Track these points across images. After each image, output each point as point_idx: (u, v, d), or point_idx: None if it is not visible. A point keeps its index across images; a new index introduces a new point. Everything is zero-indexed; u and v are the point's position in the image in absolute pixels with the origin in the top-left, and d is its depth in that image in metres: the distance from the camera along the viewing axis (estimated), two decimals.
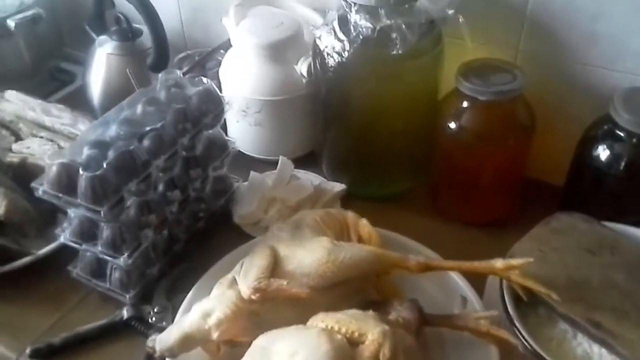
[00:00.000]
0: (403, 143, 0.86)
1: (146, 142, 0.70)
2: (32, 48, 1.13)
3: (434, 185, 0.89)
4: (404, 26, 0.73)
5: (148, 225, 0.72)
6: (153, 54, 1.04)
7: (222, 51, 1.02)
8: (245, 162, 0.96)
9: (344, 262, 0.63)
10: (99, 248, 0.69)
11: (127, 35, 1.07)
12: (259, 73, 0.91)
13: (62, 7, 1.19)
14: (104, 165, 0.64)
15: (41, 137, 0.94)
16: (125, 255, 0.68)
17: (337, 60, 0.78)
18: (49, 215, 0.87)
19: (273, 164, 0.95)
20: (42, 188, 0.66)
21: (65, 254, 0.80)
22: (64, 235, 0.71)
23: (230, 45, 0.99)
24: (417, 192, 0.92)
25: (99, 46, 1.08)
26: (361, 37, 0.75)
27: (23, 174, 0.89)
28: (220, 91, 1.01)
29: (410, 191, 0.92)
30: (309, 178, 0.91)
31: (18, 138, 0.96)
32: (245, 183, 0.90)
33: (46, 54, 1.18)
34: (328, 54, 0.79)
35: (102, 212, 0.64)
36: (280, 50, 0.90)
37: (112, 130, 0.71)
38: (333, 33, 0.78)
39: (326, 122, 0.89)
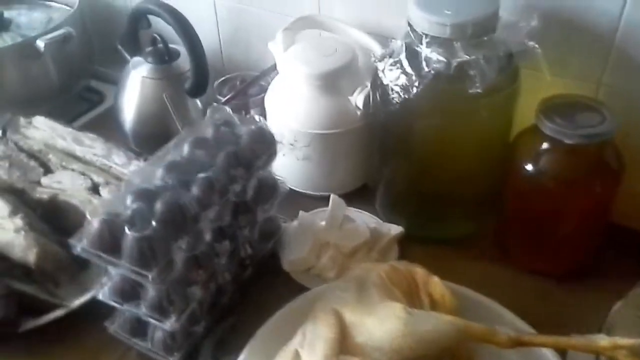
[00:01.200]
0: (468, 183, 0.78)
1: (196, 191, 0.62)
2: (60, 68, 1.06)
3: (500, 229, 0.81)
4: (482, 61, 0.65)
5: (196, 282, 0.65)
6: (192, 78, 0.96)
7: (266, 77, 0.94)
8: (290, 198, 0.88)
9: (423, 337, 0.56)
10: (143, 310, 0.62)
11: (163, 57, 1.00)
12: (309, 104, 0.83)
13: (93, 24, 1.12)
14: (153, 223, 0.56)
15: (72, 170, 0.88)
16: (173, 319, 0.61)
17: (402, 95, 0.70)
18: (82, 260, 0.80)
19: (320, 200, 0.87)
20: (81, 245, 0.59)
21: (101, 305, 0.73)
22: (103, 293, 0.64)
23: (276, 71, 0.92)
24: (478, 236, 0.84)
25: (132, 68, 1.01)
26: (433, 72, 0.67)
27: (53, 212, 0.83)
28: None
29: (472, 235, 0.84)
30: (363, 219, 0.83)
31: (47, 170, 0.89)
32: (294, 223, 0.83)
33: (75, 74, 1.12)
34: (391, 88, 0.72)
35: (150, 277, 0.57)
36: (333, 80, 0.82)
37: (158, 177, 0.64)
38: (399, 65, 0.70)
39: (383, 157, 0.82)
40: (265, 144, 0.70)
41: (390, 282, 0.64)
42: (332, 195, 0.83)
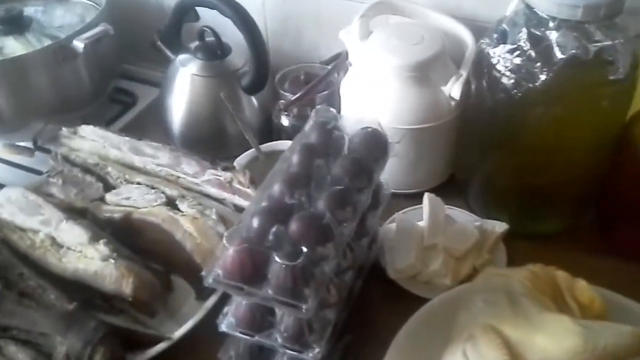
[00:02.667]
0: (577, 174, 0.74)
1: (330, 206, 0.56)
2: (92, 70, 0.96)
3: (608, 218, 0.78)
4: (620, 44, 0.61)
5: (328, 305, 0.59)
6: (251, 73, 0.89)
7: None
8: None
9: (606, 350, 0.51)
10: (279, 341, 0.56)
11: (215, 52, 0.92)
12: (398, 98, 0.77)
13: (125, 19, 1.02)
14: (303, 249, 0.50)
15: (138, 184, 0.79)
16: (316, 350, 0.55)
17: (525, 84, 0.65)
18: (166, 282, 0.73)
19: (404, 197, 0.82)
20: (216, 278, 0.52)
21: (201, 334, 0.67)
22: (228, 325, 0.57)
23: (346, 63, 0.85)
24: (576, 228, 0.80)
25: (181, 65, 0.93)
26: (563, 57, 0.62)
27: (125, 232, 0.75)
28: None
29: (571, 227, 0.80)
30: (462, 217, 0.78)
31: (106, 185, 0.81)
32: (390, 226, 0.77)
33: (107, 74, 1.02)
34: (506, 75, 0.66)
35: (304, 308, 0.50)
36: (424, 71, 0.76)
37: (280, 192, 0.57)
38: (520, 52, 0.65)
39: (483, 150, 0.77)
40: (380, 148, 0.64)
41: (536, 289, 0.60)
42: (427, 194, 0.78)
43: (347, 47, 0.84)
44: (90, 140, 0.86)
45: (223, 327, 0.58)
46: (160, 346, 0.65)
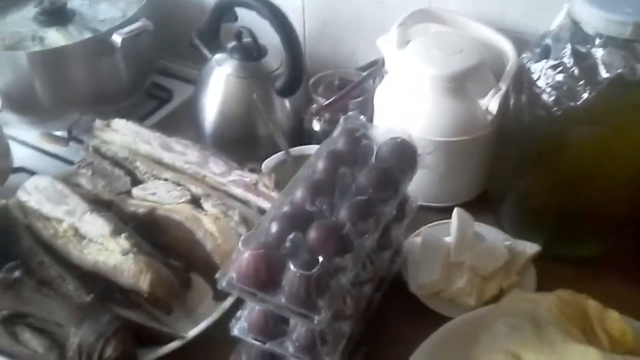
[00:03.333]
0: (619, 195, 0.70)
1: (351, 216, 0.54)
2: (130, 64, 0.97)
3: None
4: None
5: (343, 316, 0.57)
6: (285, 76, 0.88)
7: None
8: None
9: None
10: (291, 350, 0.54)
11: (251, 53, 0.91)
12: (433, 108, 0.75)
13: (165, 16, 1.03)
14: (319, 258, 0.48)
15: (165, 180, 0.79)
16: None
17: (566, 102, 0.62)
18: (185, 280, 0.72)
19: (434, 211, 0.80)
20: (230, 281, 0.51)
21: (215, 335, 0.66)
22: (240, 329, 0.56)
23: (382, 71, 0.84)
24: (615, 253, 0.76)
25: (217, 65, 0.92)
26: (609, 77, 0.59)
27: (149, 228, 0.75)
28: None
29: (609, 252, 0.76)
30: (492, 235, 0.75)
31: (134, 179, 0.81)
32: (416, 240, 0.75)
33: (144, 70, 1.03)
34: (546, 92, 0.64)
35: (316, 320, 0.49)
36: (462, 82, 0.74)
37: (300, 199, 0.56)
38: (562, 68, 0.62)
39: (519, 168, 0.74)
40: (408, 159, 0.62)
41: (564, 317, 0.57)
42: (456, 209, 0.75)
43: (384, 55, 0.82)
44: (122, 134, 0.86)
45: (235, 332, 0.57)
46: (173, 344, 0.64)
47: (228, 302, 0.68)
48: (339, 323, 0.57)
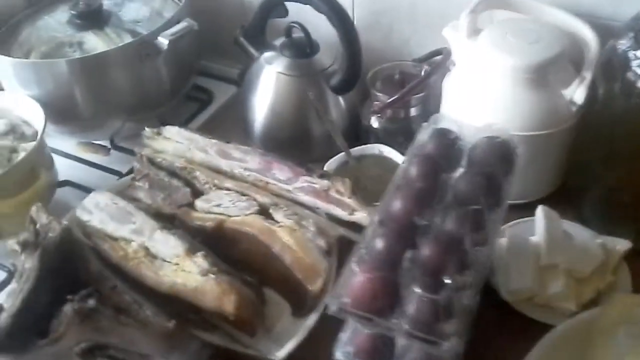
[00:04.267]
0: None
1: (462, 227, 0.50)
2: (172, 67, 0.92)
3: None
4: None
5: (451, 335, 0.53)
6: (343, 72, 0.84)
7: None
8: None
9: None
10: None
11: (304, 50, 0.87)
12: (513, 102, 0.71)
13: (203, 14, 0.98)
14: (446, 280, 0.44)
15: (228, 190, 0.75)
16: None
17: None
18: (259, 295, 0.68)
19: (513, 209, 0.74)
20: (342, 306, 0.47)
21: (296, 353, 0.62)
22: (345, 354, 0.52)
23: (448, 62, 0.79)
24: None
25: (266, 63, 0.88)
26: None
27: (217, 242, 0.70)
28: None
29: None
30: (581, 233, 0.71)
31: (194, 190, 0.76)
32: (501, 240, 0.71)
33: (185, 72, 0.98)
34: None
35: (445, 346, 0.45)
36: (543, 73, 0.70)
37: (403, 209, 0.52)
38: None
39: (609, 160, 0.69)
40: (508, 160, 0.58)
41: None
42: (541, 207, 0.71)
43: (450, 45, 0.77)
44: (174, 142, 0.82)
45: (339, 356, 0.53)
46: None
47: (312, 320, 0.64)
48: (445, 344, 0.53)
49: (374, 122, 0.86)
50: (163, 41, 0.84)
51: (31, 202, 0.75)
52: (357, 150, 0.84)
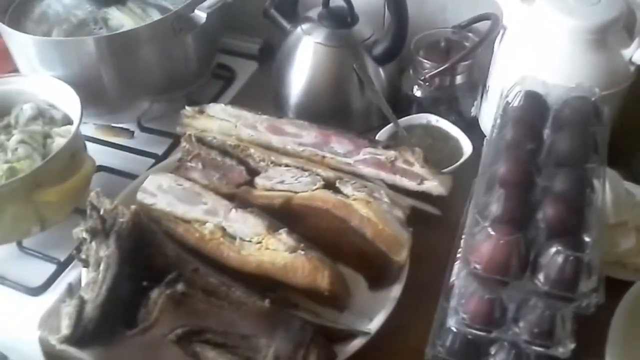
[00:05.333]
0: None
1: (574, 188, 0.50)
2: (200, 43, 0.88)
3: None
4: None
5: None
6: (388, 41, 0.82)
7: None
8: None
9: None
10: (525, 337, 0.50)
11: (344, 19, 0.84)
12: (572, 64, 0.71)
13: None
14: (586, 239, 0.44)
15: (287, 166, 0.73)
16: (570, 345, 0.50)
17: None
18: None
19: None
20: (472, 270, 0.46)
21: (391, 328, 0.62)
22: (459, 321, 0.51)
23: (499, 27, 0.78)
24: None
25: (305, 34, 0.85)
26: None
27: (284, 218, 0.68)
28: (484, 85, 0.82)
29: None
30: (637, 191, 0.73)
31: (249, 168, 0.74)
32: None
33: (212, 49, 0.94)
34: None
35: (585, 303, 0.45)
36: (604, 34, 0.70)
37: (511, 172, 0.51)
38: None
39: None
40: (601, 121, 0.58)
41: None
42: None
43: (502, 9, 0.77)
44: (219, 120, 0.79)
45: (452, 324, 0.52)
46: (358, 341, 0.59)
47: (397, 291, 0.63)
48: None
49: (417, 91, 0.86)
50: (200, 15, 0.80)
51: (77, 189, 0.72)
52: (403, 120, 0.83)
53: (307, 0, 0.89)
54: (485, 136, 0.82)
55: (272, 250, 0.60)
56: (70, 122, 0.80)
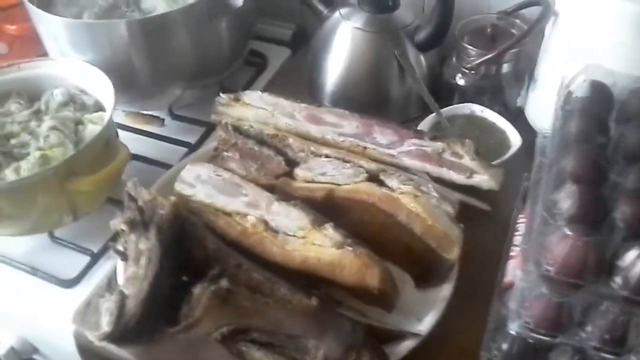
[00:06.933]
0: None
1: None
2: (233, 28, 0.84)
3: None
4: None
5: None
6: (433, 26, 0.79)
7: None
8: None
9: None
10: (593, 344, 0.47)
11: (385, 4, 0.81)
12: (632, 50, 0.67)
13: None
14: None
15: (327, 157, 0.70)
16: None
17: None
18: None
19: None
20: (543, 272, 0.43)
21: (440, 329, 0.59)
22: (521, 326, 0.48)
23: (549, 13, 0.74)
24: None
25: (344, 19, 0.82)
26: None
27: (325, 212, 0.65)
28: (530, 75, 0.78)
29: None
30: None
31: (287, 159, 0.71)
32: None
33: (246, 34, 0.91)
34: None
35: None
36: None
37: (580, 167, 0.48)
38: None
39: None
40: None
41: None
42: None
43: None
44: (255, 108, 0.76)
45: (514, 328, 0.49)
46: (409, 343, 0.56)
47: (448, 291, 0.61)
48: None
49: (460, 80, 0.82)
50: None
51: (111, 178, 0.69)
52: (446, 110, 0.79)
53: None
54: (532, 128, 0.79)
55: (318, 246, 0.58)
56: (101, 109, 0.77)
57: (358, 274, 0.56)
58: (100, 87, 0.76)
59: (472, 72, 0.79)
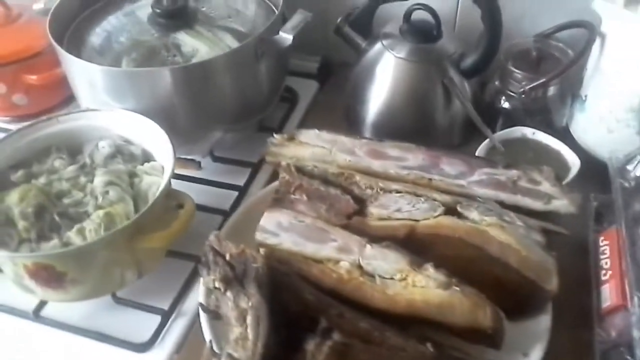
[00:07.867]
0: None
1: None
2: (271, 68, 0.82)
3: None
4: None
5: None
6: (480, 52, 0.79)
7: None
8: None
9: None
10: None
11: (430, 33, 0.81)
12: None
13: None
14: None
15: (398, 192, 0.68)
16: None
17: None
18: None
19: None
20: None
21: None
22: None
23: (595, 35, 0.76)
24: None
25: (387, 50, 0.81)
26: None
27: (407, 249, 0.64)
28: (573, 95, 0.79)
29: None
30: None
31: (355, 197, 0.69)
32: None
33: (282, 71, 0.89)
34: None
35: None
36: None
37: None
38: None
39: None
40: None
41: None
42: None
43: (602, 16, 0.74)
44: (312, 147, 0.74)
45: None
46: None
47: (547, 322, 0.60)
48: None
49: (504, 103, 0.83)
50: (286, 37, 0.75)
51: (181, 231, 0.66)
52: (497, 135, 0.79)
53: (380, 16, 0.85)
54: (580, 147, 0.79)
55: (422, 288, 0.56)
56: (150, 158, 0.75)
57: (469, 315, 0.54)
58: (147, 135, 0.74)
59: (523, 96, 0.79)
